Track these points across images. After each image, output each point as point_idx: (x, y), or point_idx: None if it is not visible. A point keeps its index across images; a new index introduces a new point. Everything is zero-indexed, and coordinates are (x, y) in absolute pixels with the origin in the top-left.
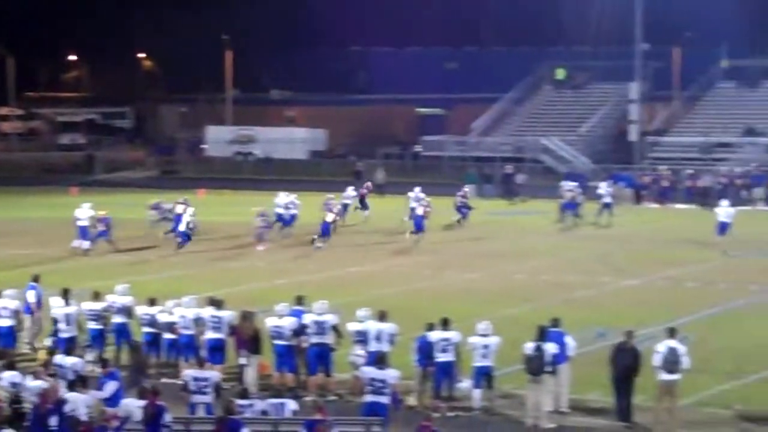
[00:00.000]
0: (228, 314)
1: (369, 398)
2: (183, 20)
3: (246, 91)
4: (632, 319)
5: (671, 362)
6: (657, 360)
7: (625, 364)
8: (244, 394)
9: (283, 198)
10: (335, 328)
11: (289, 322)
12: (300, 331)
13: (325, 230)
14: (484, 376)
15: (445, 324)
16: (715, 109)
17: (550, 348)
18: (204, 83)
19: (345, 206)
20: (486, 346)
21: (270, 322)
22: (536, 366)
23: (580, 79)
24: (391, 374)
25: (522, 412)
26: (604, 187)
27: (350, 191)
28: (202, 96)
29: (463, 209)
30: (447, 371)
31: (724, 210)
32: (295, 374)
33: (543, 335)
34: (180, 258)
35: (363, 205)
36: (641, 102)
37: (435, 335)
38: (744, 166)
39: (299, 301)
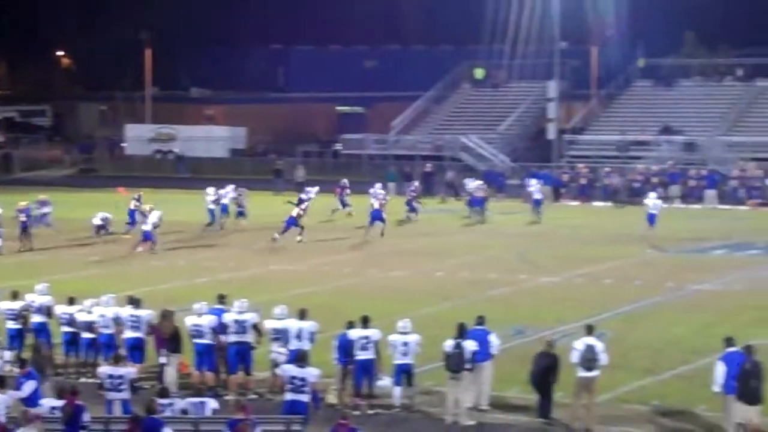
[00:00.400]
0: (147, 313)
1: (289, 396)
2: (102, 18)
3: (165, 89)
4: (550, 316)
5: (589, 359)
6: (575, 357)
7: (544, 365)
8: (163, 393)
9: (212, 193)
10: (255, 327)
11: (208, 321)
12: (220, 329)
13: (291, 224)
14: (404, 374)
15: (365, 322)
16: (632, 108)
17: (470, 345)
18: (123, 81)
19: (301, 201)
20: (406, 344)
21: (189, 320)
22: (455, 363)
23: (499, 78)
24: (311, 372)
25: (442, 410)
26: (534, 184)
27: (314, 191)
28: (121, 94)
29: (412, 203)
30: (367, 369)
31: (652, 202)
32: (215, 373)
33: (463, 333)
34: (99, 257)
35: (343, 204)
36: (559, 100)
37: (355, 333)
38: (661, 164)
39: (221, 299)
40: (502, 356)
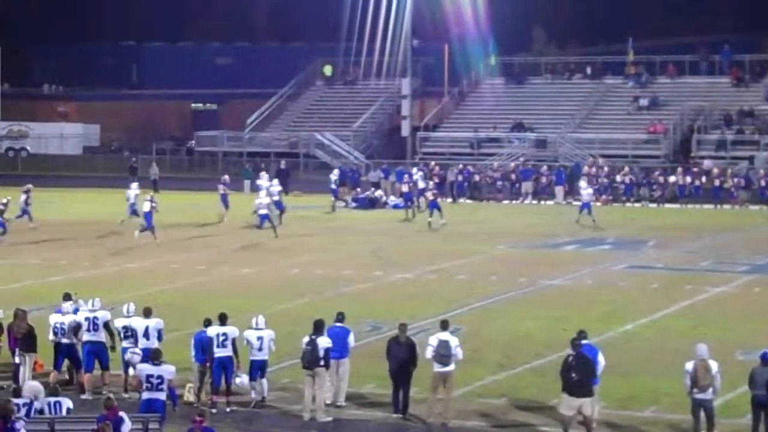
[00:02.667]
0: None
1: (146, 395)
2: None
3: (16, 86)
4: (405, 312)
5: (443, 354)
6: (429, 352)
7: (401, 357)
8: (18, 393)
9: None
10: (107, 326)
11: (69, 320)
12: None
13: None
14: (259, 370)
15: (223, 319)
16: (484, 105)
17: (323, 342)
18: None
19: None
20: (260, 339)
21: (54, 319)
22: (309, 359)
23: (353, 75)
24: (167, 369)
25: (300, 406)
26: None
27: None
28: None
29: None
30: (225, 366)
31: (585, 192)
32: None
33: (318, 329)
34: None
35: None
36: (413, 98)
37: (213, 330)
38: (513, 160)
39: (66, 297)
40: (357, 352)
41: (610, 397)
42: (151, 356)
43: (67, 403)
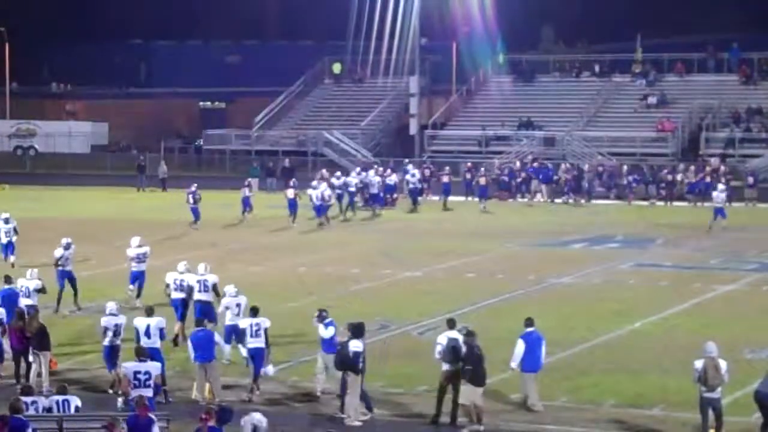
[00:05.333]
0: None
1: (133, 392)
2: None
3: (25, 84)
4: (414, 311)
5: (453, 353)
6: (438, 351)
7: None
8: (27, 391)
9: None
10: (215, 288)
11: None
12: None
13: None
14: (234, 334)
15: (255, 311)
16: (492, 103)
17: (353, 345)
18: None
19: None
20: (238, 305)
21: (172, 276)
22: (337, 362)
23: (361, 73)
24: (153, 365)
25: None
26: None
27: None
28: None
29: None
30: (256, 357)
31: (717, 195)
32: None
33: (354, 332)
34: None
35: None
36: (421, 96)
37: (245, 322)
38: (521, 158)
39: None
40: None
41: (619, 395)
42: (137, 353)
43: (75, 401)
